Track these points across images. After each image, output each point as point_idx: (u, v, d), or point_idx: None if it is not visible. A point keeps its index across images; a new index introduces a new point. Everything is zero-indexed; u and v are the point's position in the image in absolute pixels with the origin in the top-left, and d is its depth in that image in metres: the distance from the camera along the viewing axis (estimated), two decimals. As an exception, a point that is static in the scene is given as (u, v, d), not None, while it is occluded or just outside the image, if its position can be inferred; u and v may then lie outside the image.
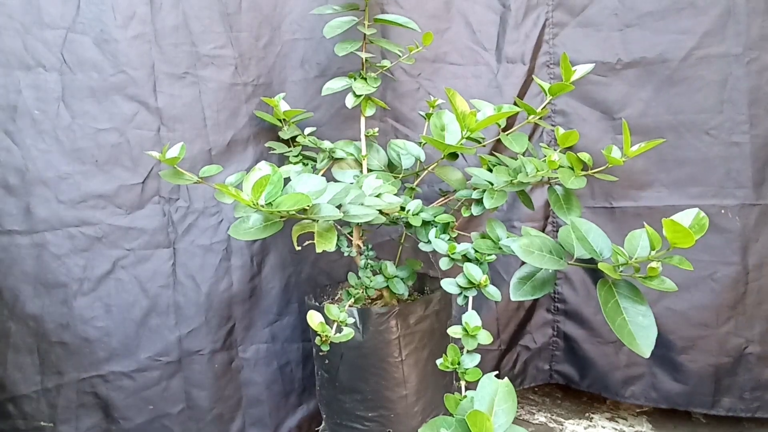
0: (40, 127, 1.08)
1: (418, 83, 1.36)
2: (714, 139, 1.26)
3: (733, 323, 1.28)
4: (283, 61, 1.27)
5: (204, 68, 1.19)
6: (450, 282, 0.93)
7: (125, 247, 1.16)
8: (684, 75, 1.27)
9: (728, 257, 1.27)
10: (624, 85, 1.32)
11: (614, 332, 0.71)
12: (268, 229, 0.76)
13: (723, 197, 1.26)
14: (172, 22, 1.16)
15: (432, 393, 1.14)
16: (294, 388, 1.32)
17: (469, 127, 0.96)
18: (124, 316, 1.16)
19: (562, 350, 1.46)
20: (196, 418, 1.22)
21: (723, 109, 1.25)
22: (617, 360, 1.37)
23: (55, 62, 1.09)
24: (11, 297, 1.10)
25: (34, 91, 1.08)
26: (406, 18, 1.16)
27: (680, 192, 1.29)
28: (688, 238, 0.59)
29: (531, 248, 0.78)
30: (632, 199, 1.33)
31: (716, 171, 1.26)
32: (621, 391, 1.38)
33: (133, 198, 1.17)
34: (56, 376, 1.14)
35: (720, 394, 1.31)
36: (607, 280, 0.74)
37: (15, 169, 1.08)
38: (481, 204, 1.02)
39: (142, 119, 1.16)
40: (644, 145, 0.96)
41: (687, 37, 1.26)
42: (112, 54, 1.12)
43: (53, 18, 1.08)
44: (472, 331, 0.85)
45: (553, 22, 1.37)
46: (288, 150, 1.19)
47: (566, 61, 1.02)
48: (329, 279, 1.35)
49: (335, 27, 1.12)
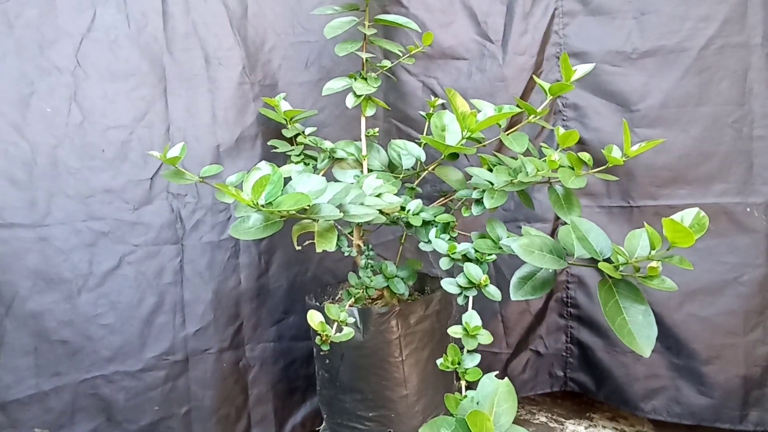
0: (52, 124, 1.09)
1: (422, 81, 1.34)
2: (738, 133, 1.20)
3: (762, 330, 1.22)
4: (289, 63, 1.28)
5: (212, 70, 1.21)
6: (450, 282, 0.94)
7: (132, 242, 1.15)
8: (706, 64, 1.21)
9: (755, 259, 1.21)
10: (642, 75, 1.25)
11: (614, 332, 0.71)
12: (268, 228, 0.76)
13: (748, 195, 1.21)
14: (183, 30, 1.19)
15: (433, 393, 1.14)
16: (299, 386, 1.33)
17: (470, 127, 0.96)
18: (130, 313, 1.15)
19: (576, 358, 1.41)
20: (201, 419, 1.21)
21: (745, 101, 1.20)
22: (636, 371, 1.31)
23: (69, 65, 1.11)
24: (9, 293, 1.08)
25: (47, 90, 1.09)
26: (406, 18, 1.16)
27: (703, 189, 1.23)
28: (688, 237, 0.59)
29: (531, 248, 0.78)
30: (652, 197, 1.27)
31: (740, 166, 1.21)
32: (641, 405, 1.31)
33: (142, 193, 1.17)
34: (55, 377, 1.10)
35: (748, 408, 1.24)
36: (608, 280, 0.74)
37: (23, 162, 1.08)
38: (481, 204, 1.02)
39: (151, 118, 1.17)
40: (645, 144, 0.95)
41: (707, 25, 1.20)
42: (125, 59, 1.15)
43: (69, 25, 1.11)
44: (472, 331, 0.85)
45: (563, 11, 1.30)
46: (290, 149, 1.20)
47: (566, 61, 1.02)
48: (334, 278, 1.35)
49: (336, 27, 1.12)
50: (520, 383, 1.45)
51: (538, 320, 1.42)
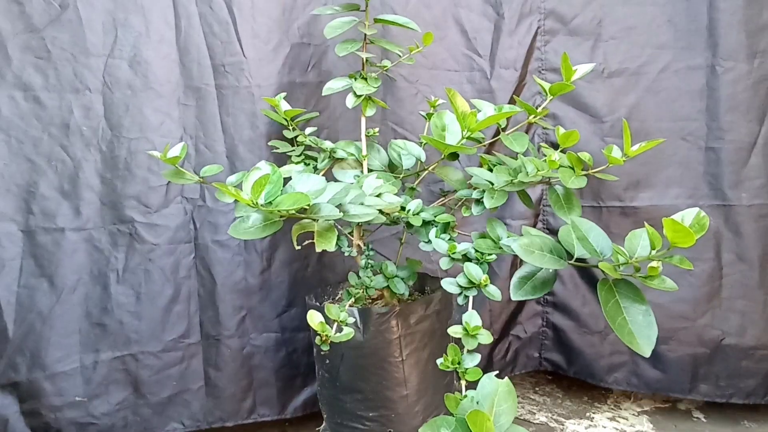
0: (87, 141, 1.22)
1: (416, 89, 1.43)
2: (691, 145, 1.36)
3: (710, 316, 1.37)
4: (292, 64, 1.32)
5: (220, 78, 1.29)
6: (450, 282, 0.93)
7: (152, 242, 1.28)
8: (662, 86, 1.37)
9: (704, 254, 1.35)
10: (610, 92, 1.40)
11: (615, 331, 0.71)
12: (267, 228, 0.76)
13: (699, 198, 1.36)
14: (193, 41, 1.28)
15: (433, 393, 1.14)
16: (300, 373, 1.41)
17: (470, 127, 0.96)
18: (152, 302, 1.28)
19: (551, 340, 1.55)
20: (213, 395, 1.34)
21: (698, 117, 1.35)
22: (602, 349, 1.47)
23: (98, 85, 1.22)
24: (61, 285, 1.22)
25: (82, 110, 1.22)
26: (406, 18, 1.16)
27: (662, 193, 1.38)
28: (689, 237, 0.59)
29: (532, 248, 0.78)
30: (619, 198, 1.41)
31: (693, 174, 1.36)
32: (605, 378, 1.47)
33: (159, 198, 1.28)
34: (93, 353, 1.25)
35: (697, 381, 1.40)
36: (608, 280, 0.74)
37: (69, 176, 1.22)
38: (481, 204, 1.02)
39: (167, 128, 1.27)
40: (644, 144, 0.96)
41: (664, 52, 1.36)
42: (143, 74, 1.24)
43: (96, 47, 1.22)
44: (473, 331, 0.85)
45: (544, 29, 1.45)
46: (291, 149, 1.20)
47: (567, 61, 1.02)
48: (333, 273, 1.41)
49: (336, 27, 1.12)
50: (502, 366, 1.57)
51: (519, 308, 1.55)
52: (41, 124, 1.19)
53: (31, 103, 1.18)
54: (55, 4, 1.18)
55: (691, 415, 1.45)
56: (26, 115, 1.18)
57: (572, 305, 1.50)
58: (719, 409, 1.45)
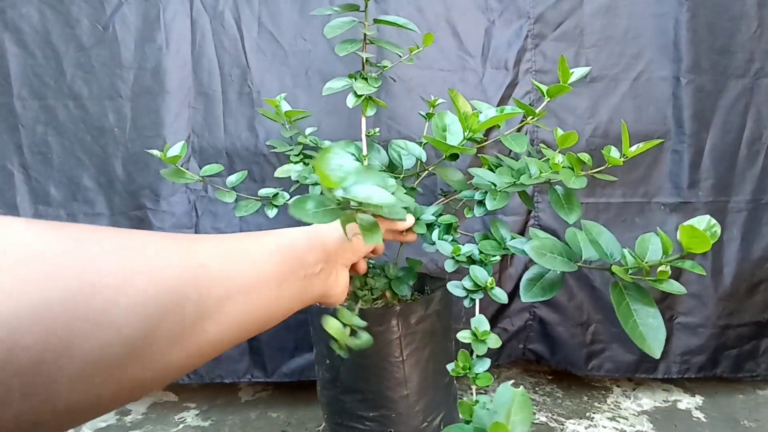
0: (118, 140, 1.46)
1: (411, 88, 1.48)
2: (659, 148, 1.52)
3: (668, 300, 1.55)
4: (293, 69, 1.47)
5: (225, 85, 1.48)
6: (456, 285, 0.94)
7: (161, 227, 1.46)
8: (637, 93, 1.52)
9: None
10: (593, 95, 1.52)
11: (626, 333, 0.72)
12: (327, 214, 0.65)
13: (664, 196, 1.53)
14: (205, 53, 1.48)
15: (433, 393, 1.15)
16: (288, 346, 1.58)
17: (472, 127, 0.96)
18: None
19: (535, 332, 1.63)
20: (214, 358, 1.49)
21: (666, 122, 1.52)
22: (584, 339, 1.59)
23: (128, 92, 1.46)
24: None
25: (115, 114, 1.46)
26: (404, 19, 1.16)
27: (632, 190, 1.53)
28: (705, 243, 0.60)
29: (543, 250, 0.79)
30: (593, 195, 1.54)
31: (658, 173, 1.53)
32: (584, 366, 1.59)
33: (167, 187, 1.48)
34: None
35: (658, 361, 1.56)
36: (618, 283, 0.75)
37: (104, 171, 1.47)
38: (483, 205, 1.02)
39: (177, 126, 1.47)
40: (643, 145, 0.97)
41: (638, 62, 1.52)
42: (161, 81, 1.46)
43: (128, 60, 1.46)
44: (482, 336, 0.85)
45: (534, 34, 1.53)
46: (289, 149, 1.19)
47: (564, 63, 1.02)
48: None
49: (335, 27, 1.11)
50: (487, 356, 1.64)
51: (510, 302, 1.62)
52: (86, 127, 1.45)
53: (80, 110, 1.44)
54: (99, 27, 1.43)
55: (691, 415, 1.47)
56: (76, 120, 1.44)
57: (559, 299, 1.58)
58: (719, 409, 1.48)
